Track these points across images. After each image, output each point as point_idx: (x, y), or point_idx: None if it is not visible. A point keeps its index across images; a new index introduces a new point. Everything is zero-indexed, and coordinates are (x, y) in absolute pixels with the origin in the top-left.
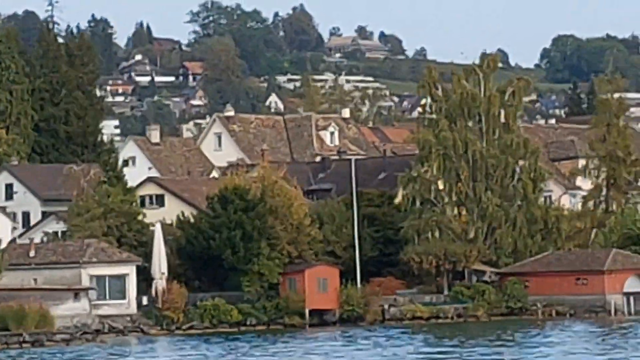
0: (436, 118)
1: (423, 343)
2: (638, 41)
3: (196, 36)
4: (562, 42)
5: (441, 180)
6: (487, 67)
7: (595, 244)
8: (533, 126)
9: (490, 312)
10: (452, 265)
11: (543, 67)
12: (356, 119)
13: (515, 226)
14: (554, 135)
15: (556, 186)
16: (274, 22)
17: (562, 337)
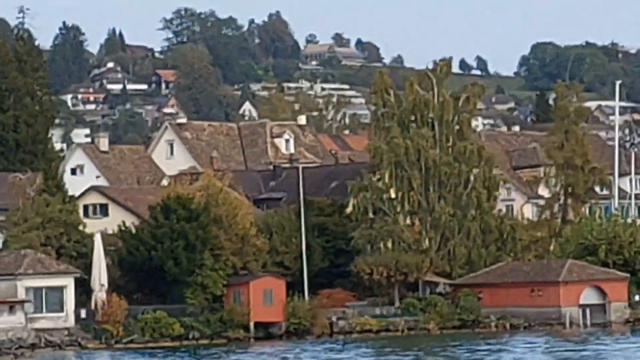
0: (388, 125)
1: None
2: (617, 49)
3: (169, 43)
4: (541, 50)
5: (393, 189)
6: (440, 72)
7: (551, 255)
8: (495, 133)
9: (442, 325)
10: (404, 276)
11: (522, 74)
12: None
13: (469, 236)
14: (516, 143)
15: (518, 195)
16: (249, 29)
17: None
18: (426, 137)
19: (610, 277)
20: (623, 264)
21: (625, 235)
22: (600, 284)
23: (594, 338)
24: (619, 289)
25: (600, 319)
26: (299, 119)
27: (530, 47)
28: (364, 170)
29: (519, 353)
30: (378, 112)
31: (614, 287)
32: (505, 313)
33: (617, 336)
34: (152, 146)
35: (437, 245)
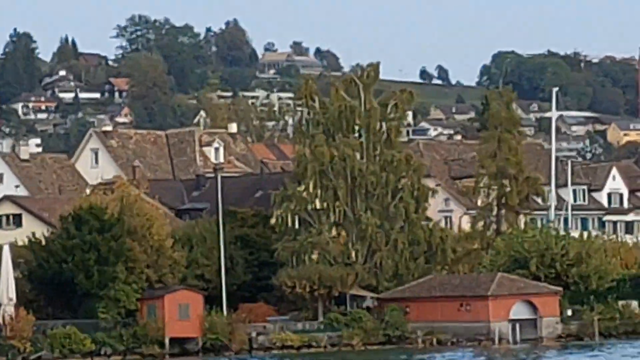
0: (312, 132)
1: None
2: (580, 58)
3: (123, 51)
4: (503, 59)
5: (318, 199)
6: (367, 78)
7: (481, 268)
8: (435, 142)
9: (367, 341)
10: (328, 290)
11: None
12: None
13: (397, 248)
14: (456, 152)
15: (457, 206)
16: (206, 38)
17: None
18: (352, 145)
19: (542, 291)
20: (555, 277)
21: (558, 247)
22: (531, 298)
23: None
24: (550, 303)
25: (531, 334)
26: (229, 127)
27: (491, 56)
28: (287, 179)
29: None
30: (303, 120)
31: (546, 301)
32: (433, 328)
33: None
34: (76, 155)
35: (364, 258)
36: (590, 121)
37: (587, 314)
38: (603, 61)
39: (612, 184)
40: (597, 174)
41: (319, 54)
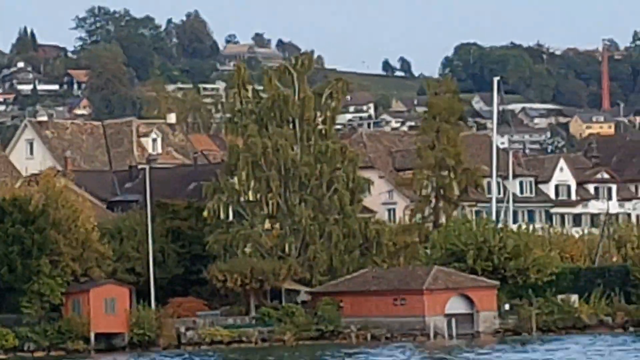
0: (244, 122)
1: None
2: (542, 50)
3: (83, 43)
4: (465, 51)
5: (251, 191)
6: (302, 67)
7: (417, 261)
8: (379, 133)
9: (299, 336)
10: (260, 284)
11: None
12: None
13: (331, 241)
14: (400, 144)
15: (400, 198)
16: (167, 29)
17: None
18: (286, 135)
19: (479, 284)
20: (492, 270)
21: (495, 240)
22: (468, 292)
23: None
24: (487, 297)
25: (468, 329)
26: (168, 118)
27: (454, 48)
28: (219, 171)
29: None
30: (235, 109)
31: (483, 295)
32: (367, 323)
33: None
34: (10, 145)
35: (298, 251)
36: (553, 113)
37: (524, 308)
38: (566, 53)
39: (560, 176)
40: (545, 166)
41: (281, 45)
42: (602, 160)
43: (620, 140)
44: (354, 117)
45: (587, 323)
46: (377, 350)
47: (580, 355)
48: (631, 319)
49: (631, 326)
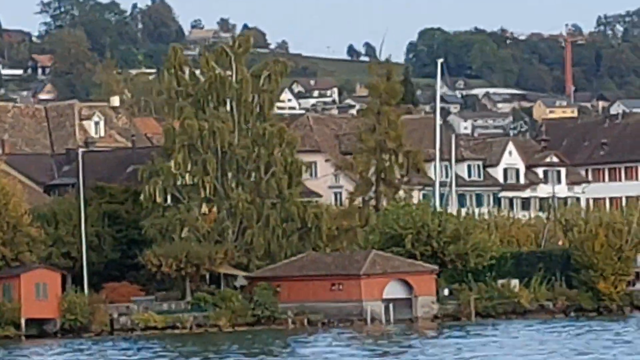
0: (180, 104)
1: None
2: (506, 35)
3: (47, 28)
4: (429, 36)
5: (188, 174)
6: (239, 48)
7: (355, 246)
8: (325, 117)
9: (235, 322)
10: (195, 268)
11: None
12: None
13: (269, 225)
14: (347, 127)
15: (347, 182)
16: (132, 14)
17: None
18: (223, 118)
19: (417, 269)
20: (431, 255)
21: (434, 224)
22: (406, 276)
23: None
24: (426, 282)
25: (406, 314)
26: (111, 100)
27: (418, 33)
28: (154, 153)
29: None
30: (171, 92)
31: (421, 280)
32: (304, 308)
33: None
34: None
35: (235, 235)
36: (516, 98)
37: (464, 293)
38: (530, 38)
39: (509, 160)
40: (493, 150)
41: (246, 30)
42: (553, 144)
43: (571, 123)
44: (317, 101)
45: (528, 308)
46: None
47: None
48: (572, 304)
49: (572, 311)
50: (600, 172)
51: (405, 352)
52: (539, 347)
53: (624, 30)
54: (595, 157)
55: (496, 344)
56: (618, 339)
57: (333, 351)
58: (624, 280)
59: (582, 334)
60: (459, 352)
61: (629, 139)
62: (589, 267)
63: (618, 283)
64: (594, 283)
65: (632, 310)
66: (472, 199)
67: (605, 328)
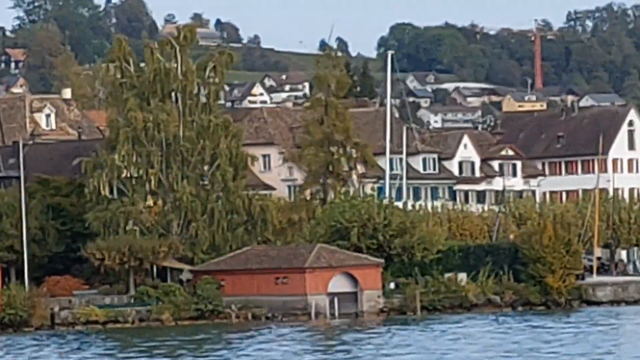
0: (125, 96)
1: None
2: (476, 30)
3: (20, 22)
4: (400, 31)
5: (132, 167)
6: (184, 40)
7: (300, 239)
8: (279, 109)
9: (178, 316)
10: (139, 262)
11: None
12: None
13: (214, 218)
14: (301, 120)
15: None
16: (106, 9)
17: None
18: (167, 110)
19: (363, 263)
20: (377, 248)
21: (380, 217)
22: (352, 270)
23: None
24: (372, 275)
25: (351, 308)
26: (63, 93)
27: (389, 28)
28: (99, 146)
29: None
30: (116, 83)
31: (367, 273)
32: (248, 302)
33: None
34: None
35: (180, 228)
36: (486, 92)
37: (410, 287)
38: (500, 33)
39: (464, 153)
40: (449, 143)
41: (219, 25)
42: (509, 137)
43: (528, 116)
44: (289, 95)
45: (475, 302)
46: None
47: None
48: (520, 298)
49: (520, 305)
50: (557, 165)
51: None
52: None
53: (594, 26)
54: (551, 150)
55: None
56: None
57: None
58: (572, 274)
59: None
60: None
61: (586, 132)
62: (536, 260)
63: (566, 277)
64: (542, 277)
65: (580, 304)
66: (427, 192)
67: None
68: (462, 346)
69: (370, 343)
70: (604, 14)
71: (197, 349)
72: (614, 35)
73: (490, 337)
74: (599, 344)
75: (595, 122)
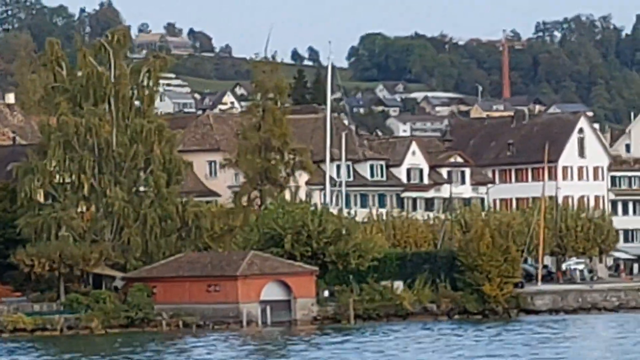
0: (57, 100)
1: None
2: (445, 40)
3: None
4: (370, 41)
5: (65, 172)
6: (117, 43)
7: (234, 246)
8: (226, 115)
9: (107, 324)
10: (70, 268)
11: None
12: None
13: (147, 225)
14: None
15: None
16: (80, 18)
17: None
18: (100, 114)
19: (296, 270)
20: (311, 255)
21: (314, 224)
22: (285, 278)
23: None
24: (305, 283)
25: (285, 316)
26: (6, 98)
27: (359, 38)
28: (31, 151)
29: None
30: (48, 87)
31: (300, 281)
32: (180, 310)
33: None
34: None
35: (113, 235)
36: (455, 102)
37: (344, 295)
38: (469, 43)
39: (412, 160)
40: (397, 149)
41: (192, 34)
42: (459, 144)
43: (478, 124)
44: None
45: (411, 310)
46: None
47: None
48: (456, 307)
49: (457, 314)
50: (507, 172)
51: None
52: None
53: (562, 37)
54: (502, 158)
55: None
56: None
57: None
58: (510, 282)
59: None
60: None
61: (536, 139)
62: (473, 268)
63: (504, 285)
64: (479, 285)
65: (518, 313)
66: (374, 199)
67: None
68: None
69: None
70: (572, 25)
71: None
72: (582, 45)
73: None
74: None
75: (546, 130)
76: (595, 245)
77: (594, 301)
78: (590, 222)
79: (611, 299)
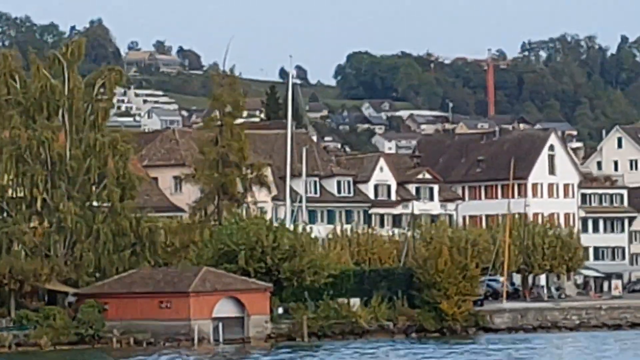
0: (10, 114)
1: None
2: (431, 59)
3: None
4: (357, 59)
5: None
6: (72, 55)
7: (187, 262)
8: (191, 130)
9: (57, 341)
10: (20, 284)
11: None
12: None
13: (99, 240)
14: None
15: None
16: (70, 36)
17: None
18: (53, 128)
19: (250, 287)
20: (265, 272)
21: (268, 240)
22: (238, 294)
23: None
24: (259, 300)
25: (238, 334)
26: None
27: (346, 56)
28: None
29: None
30: (1, 100)
31: (254, 298)
32: (131, 327)
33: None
34: None
35: (65, 250)
36: (440, 120)
37: (299, 312)
38: (454, 62)
39: (380, 176)
40: (365, 165)
41: (181, 52)
42: (429, 161)
43: (448, 140)
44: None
45: (367, 328)
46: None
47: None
48: (414, 324)
49: (414, 332)
50: (476, 189)
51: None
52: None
53: (547, 56)
54: (471, 175)
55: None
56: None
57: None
58: (469, 300)
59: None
60: None
61: (506, 156)
62: (431, 286)
63: (462, 303)
64: (437, 303)
65: (476, 332)
66: (341, 216)
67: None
68: None
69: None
70: (557, 44)
71: None
72: (566, 65)
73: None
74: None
75: (516, 147)
76: (562, 262)
77: (554, 319)
78: (557, 239)
79: (572, 318)
